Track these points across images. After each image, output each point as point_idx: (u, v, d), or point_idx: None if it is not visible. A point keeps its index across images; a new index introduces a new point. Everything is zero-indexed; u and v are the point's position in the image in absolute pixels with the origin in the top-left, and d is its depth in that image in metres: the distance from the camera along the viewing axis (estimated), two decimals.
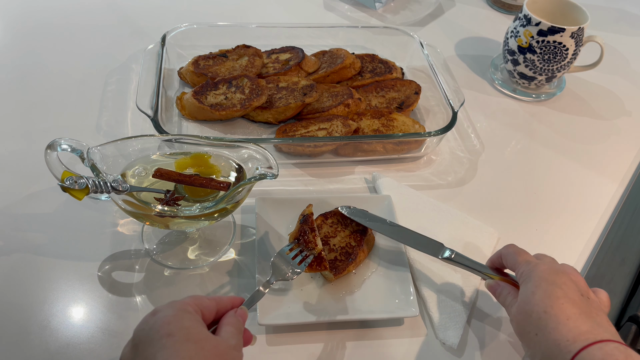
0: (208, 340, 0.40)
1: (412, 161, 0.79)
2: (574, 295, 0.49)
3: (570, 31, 0.83)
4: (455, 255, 0.59)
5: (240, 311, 0.47)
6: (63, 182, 0.49)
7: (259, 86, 0.79)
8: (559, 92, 0.95)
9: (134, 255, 0.62)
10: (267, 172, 0.53)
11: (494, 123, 0.88)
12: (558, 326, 0.47)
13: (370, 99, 0.84)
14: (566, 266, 0.54)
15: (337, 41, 0.95)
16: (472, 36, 1.09)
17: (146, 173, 0.58)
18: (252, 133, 0.79)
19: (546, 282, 0.50)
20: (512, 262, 0.56)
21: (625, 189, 0.80)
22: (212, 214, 0.55)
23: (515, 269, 0.55)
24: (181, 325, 0.40)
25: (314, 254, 0.57)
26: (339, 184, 0.74)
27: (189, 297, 0.45)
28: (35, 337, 0.54)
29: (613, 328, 0.48)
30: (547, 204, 0.76)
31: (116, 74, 0.87)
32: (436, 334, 0.58)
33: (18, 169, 0.70)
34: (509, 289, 0.55)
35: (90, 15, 0.99)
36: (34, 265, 0.60)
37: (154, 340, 0.39)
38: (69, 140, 0.53)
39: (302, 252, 0.57)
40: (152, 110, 0.71)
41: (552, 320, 0.47)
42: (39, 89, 0.82)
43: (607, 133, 0.89)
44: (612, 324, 0.48)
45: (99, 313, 0.56)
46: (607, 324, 0.48)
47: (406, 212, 0.69)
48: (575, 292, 0.50)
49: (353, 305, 0.58)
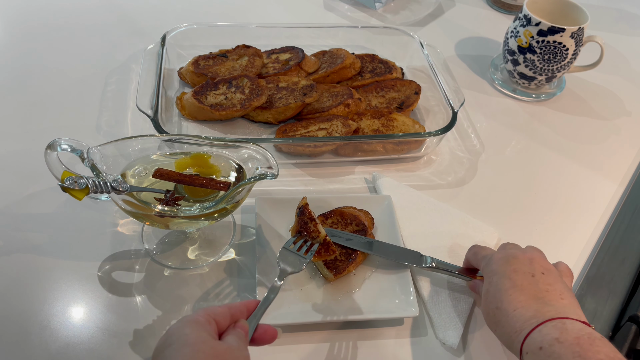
0: (205, 342, 0.41)
1: (412, 161, 0.79)
2: (523, 281, 0.51)
3: (570, 31, 0.83)
4: (437, 263, 0.61)
5: (240, 324, 0.46)
6: (63, 182, 0.49)
7: (259, 86, 0.79)
8: (559, 92, 0.95)
9: (134, 255, 0.62)
10: (267, 172, 0.53)
11: (494, 123, 0.88)
12: (507, 319, 0.49)
13: (370, 99, 0.84)
14: (525, 248, 0.56)
15: (337, 41, 0.95)
16: (472, 36, 1.09)
17: (146, 173, 0.58)
18: (252, 133, 0.79)
19: (497, 275, 0.52)
20: (476, 262, 0.58)
21: (625, 189, 0.80)
22: (212, 214, 0.55)
23: (479, 268, 0.57)
24: (181, 333, 0.41)
25: (319, 241, 0.58)
26: (339, 184, 0.74)
27: (201, 309, 0.45)
28: (35, 337, 0.54)
29: (566, 298, 0.49)
30: (547, 204, 0.76)
31: (116, 74, 0.87)
32: (436, 334, 0.58)
33: (18, 169, 0.70)
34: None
35: (90, 15, 0.99)
36: (34, 265, 0.60)
37: (158, 356, 0.41)
38: (69, 140, 0.53)
39: (307, 242, 0.58)
40: (152, 110, 0.71)
41: (502, 314, 0.49)
42: (38, 89, 0.82)
43: (607, 133, 0.89)
44: (565, 290, 0.50)
45: (99, 313, 0.56)
46: (557, 297, 0.49)
47: (406, 211, 0.69)
48: (526, 276, 0.51)
49: (353, 305, 0.58)
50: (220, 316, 0.45)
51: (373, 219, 0.67)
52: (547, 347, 0.44)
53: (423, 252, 0.63)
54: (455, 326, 0.58)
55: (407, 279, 0.60)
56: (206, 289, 0.60)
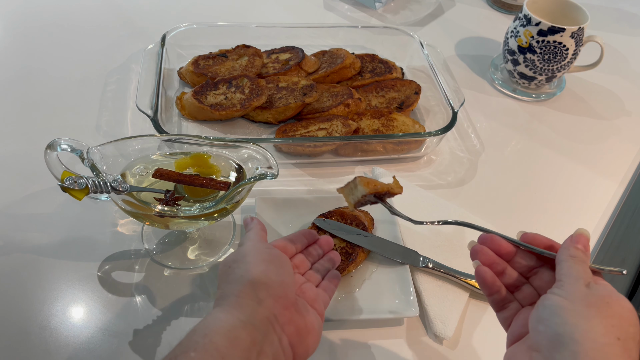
0: (260, 241, 0.49)
1: (412, 161, 0.79)
2: None
3: (570, 31, 0.83)
4: (433, 264, 0.61)
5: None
6: (63, 182, 0.49)
7: (259, 86, 0.79)
8: (559, 92, 0.95)
9: (134, 255, 0.62)
10: (267, 172, 0.53)
11: (494, 123, 0.88)
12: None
13: (370, 99, 0.84)
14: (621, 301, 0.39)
15: (337, 41, 0.95)
16: (472, 36, 1.08)
17: (146, 173, 0.58)
18: (252, 133, 0.79)
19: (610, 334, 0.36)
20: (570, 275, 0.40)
21: (625, 189, 0.80)
22: (212, 214, 0.54)
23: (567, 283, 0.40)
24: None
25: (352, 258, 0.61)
26: (339, 184, 0.74)
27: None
28: (35, 337, 0.54)
29: None
30: (547, 204, 0.76)
31: (116, 74, 0.87)
32: (429, 327, 0.58)
33: (18, 169, 0.70)
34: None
35: (90, 15, 0.99)
36: (33, 265, 0.60)
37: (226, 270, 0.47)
38: (69, 140, 0.53)
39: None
40: (152, 110, 0.71)
41: None
42: (39, 89, 0.82)
43: (607, 133, 0.89)
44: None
45: (98, 313, 0.56)
46: None
47: (403, 206, 0.69)
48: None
49: (353, 305, 0.58)
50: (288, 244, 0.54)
51: (373, 219, 0.67)
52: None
53: (423, 250, 0.63)
54: (448, 319, 0.58)
55: (407, 279, 0.60)
56: (206, 289, 0.60)
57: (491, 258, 0.46)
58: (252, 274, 0.44)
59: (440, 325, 0.57)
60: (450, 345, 0.58)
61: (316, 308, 0.49)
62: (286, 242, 0.54)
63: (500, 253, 0.46)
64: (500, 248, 0.46)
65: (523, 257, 0.46)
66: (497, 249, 0.46)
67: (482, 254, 0.46)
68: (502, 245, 0.46)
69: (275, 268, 0.46)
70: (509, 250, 0.46)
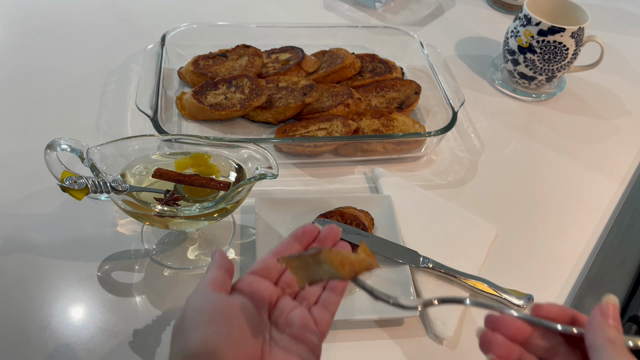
0: (207, 293, 0.41)
1: (412, 161, 0.79)
2: None
3: (571, 31, 0.83)
4: (433, 264, 0.61)
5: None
6: (63, 182, 0.49)
7: (259, 86, 0.79)
8: (559, 92, 0.95)
9: (134, 255, 0.62)
10: (267, 172, 0.53)
11: (494, 123, 0.88)
12: None
13: (370, 99, 0.84)
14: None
15: (337, 41, 0.95)
16: (472, 36, 1.08)
17: (146, 173, 0.58)
18: (252, 133, 0.79)
19: None
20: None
21: (625, 189, 0.80)
22: (212, 214, 0.54)
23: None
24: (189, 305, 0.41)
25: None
26: (339, 184, 0.74)
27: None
28: (35, 337, 0.54)
29: None
30: (547, 204, 0.76)
31: (116, 74, 0.87)
32: (429, 327, 0.58)
33: (18, 169, 0.70)
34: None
35: (90, 15, 0.99)
36: (33, 265, 0.60)
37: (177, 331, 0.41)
38: (69, 140, 0.53)
39: None
40: (151, 110, 0.71)
41: None
42: (38, 89, 0.82)
43: (607, 133, 0.89)
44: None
45: (98, 313, 0.56)
46: None
47: (406, 209, 0.69)
48: None
49: (353, 305, 0.58)
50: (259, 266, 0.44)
51: (373, 219, 0.67)
52: None
53: (423, 250, 0.63)
54: (448, 319, 0.58)
55: (407, 279, 0.60)
56: None
57: (506, 349, 0.38)
58: (188, 345, 0.37)
59: (441, 325, 0.57)
60: (450, 346, 0.58)
61: (305, 339, 0.40)
62: (269, 262, 0.44)
63: (515, 337, 0.38)
64: (514, 332, 0.38)
65: (540, 336, 0.38)
66: (510, 334, 0.38)
67: (495, 346, 0.38)
68: (516, 328, 0.38)
69: (220, 328, 0.37)
70: (524, 333, 0.38)
